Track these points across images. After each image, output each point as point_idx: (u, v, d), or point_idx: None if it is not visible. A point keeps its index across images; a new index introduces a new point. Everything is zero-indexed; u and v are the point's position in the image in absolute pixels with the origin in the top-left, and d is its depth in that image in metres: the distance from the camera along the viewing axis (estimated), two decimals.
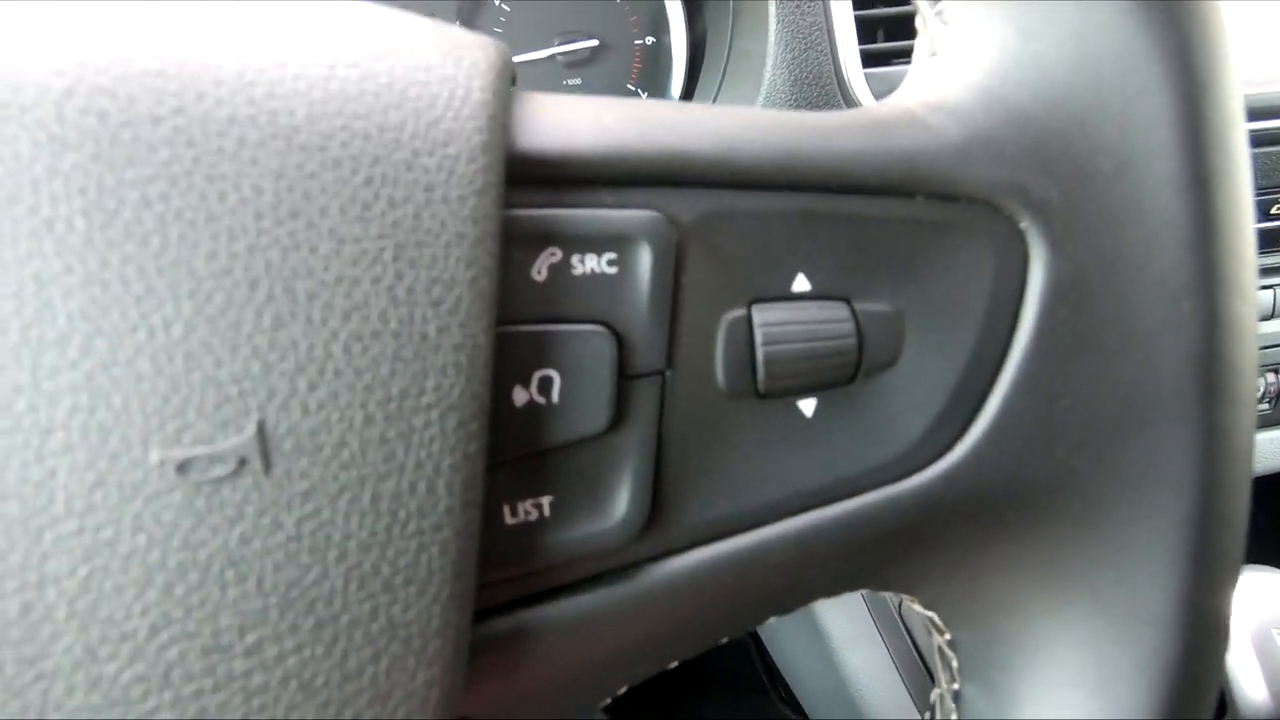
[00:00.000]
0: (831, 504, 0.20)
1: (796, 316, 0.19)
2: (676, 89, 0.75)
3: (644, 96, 0.76)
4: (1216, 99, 0.20)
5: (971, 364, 0.20)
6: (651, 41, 0.75)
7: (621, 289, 0.18)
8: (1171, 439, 0.20)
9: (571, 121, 0.18)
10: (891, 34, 0.68)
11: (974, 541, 0.22)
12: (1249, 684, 0.56)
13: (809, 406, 0.20)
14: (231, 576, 0.14)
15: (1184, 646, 0.21)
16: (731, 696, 0.97)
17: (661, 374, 0.18)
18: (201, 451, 0.14)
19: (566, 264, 0.17)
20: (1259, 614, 0.58)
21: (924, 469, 0.21)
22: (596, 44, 0.73)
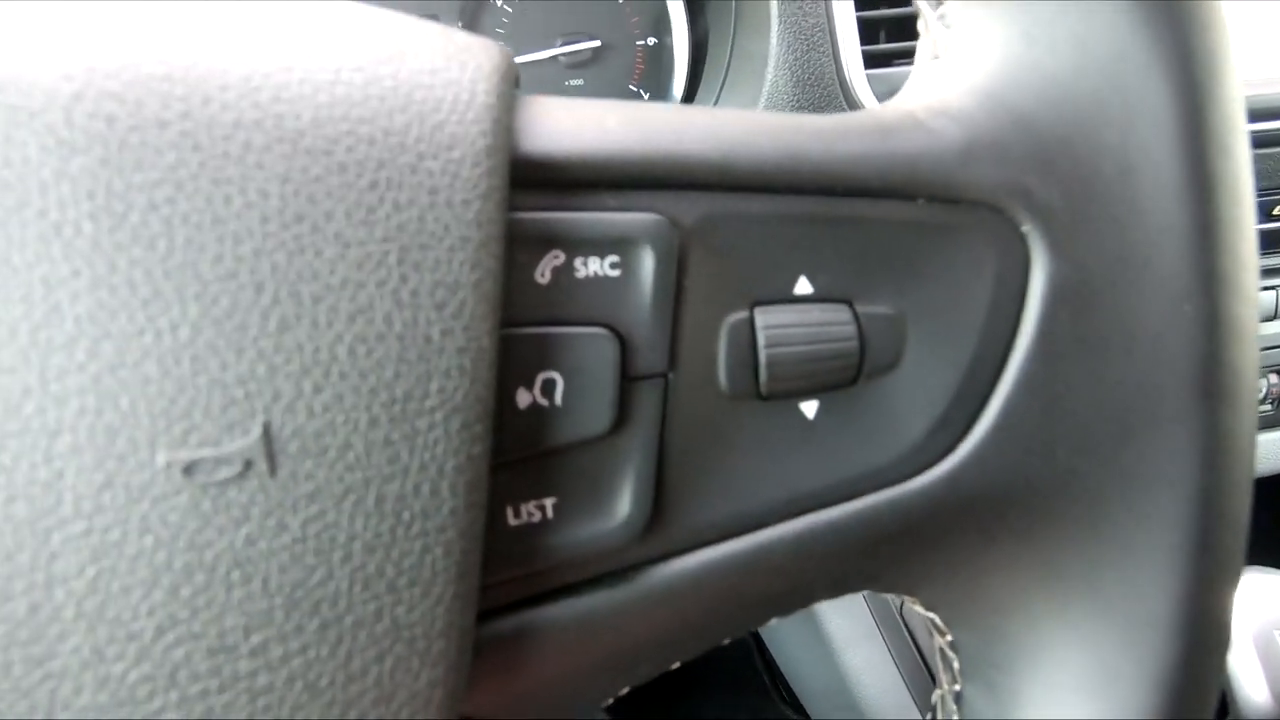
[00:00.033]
0: (833, 506, 0.20)
1: (798, 319, 0.19)
2: (678, 90, 0.75)
3: (646, 97, 0.76)
4: (1218, 102, 0.20)
5: (973, 366, 0.20)
6: (653, 42, 0.75)
7: (624, 291, 0.18)
8: (1173, 441, 0.20)
9: (574, 125, 0.18)
10: (893, 35, 0.68)
11: (975, 543, 0.22)
12: (1251, 685, 0.56)
13: (811, 409, 0.20)
14: (237, 578, 0.14)
15: (1185, 647, 0.21)
16: (732, 696, 0.97)
17: (664, 376, 0.18)
18: (207, 454, 0.14)
19: (569, 267, 0.17)
20: (1261, 615, 0.58)
21: (926, 471, 0.21)
22: (598, 45, 0.73)
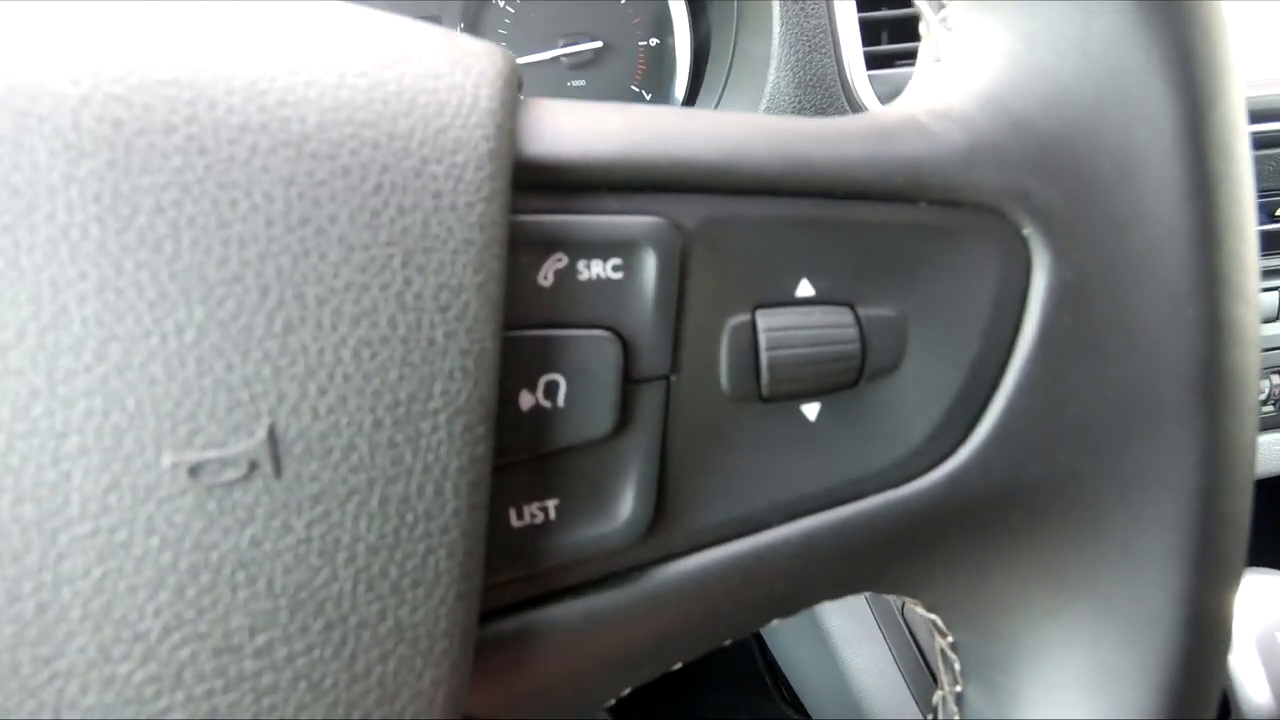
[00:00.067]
0: (835, 507, 0.20)
1: (800, 321, 0.19)
2: (680, 91, 0.75)
3: (648, 98, 0.76)
4: (1219, 104, 0.20)
5: (974, 368, 0.20)
6: (655, 43, 0.75)
7: (627, 294, 0.18)
8: (1173, 442, 0.21)
9: (577, 128, 0.18)
10: (895, 36, 0.68)
11: (976, 545, 0.22)
12: (1252, 686, 0.56)
13: (812, 411, 0.20)
14: (242, 578, 0.14)
15: (1186, 648, 0.21)
16: (734, 696, 0.97)
17: (666, 378, 0.19)
18: (213, 455, 0.14)
19: (572, 269, 0.18)
20: (1262, 616, 0.58)
21: (927, 473, 0.21)
22: (600, 45, 0.73)
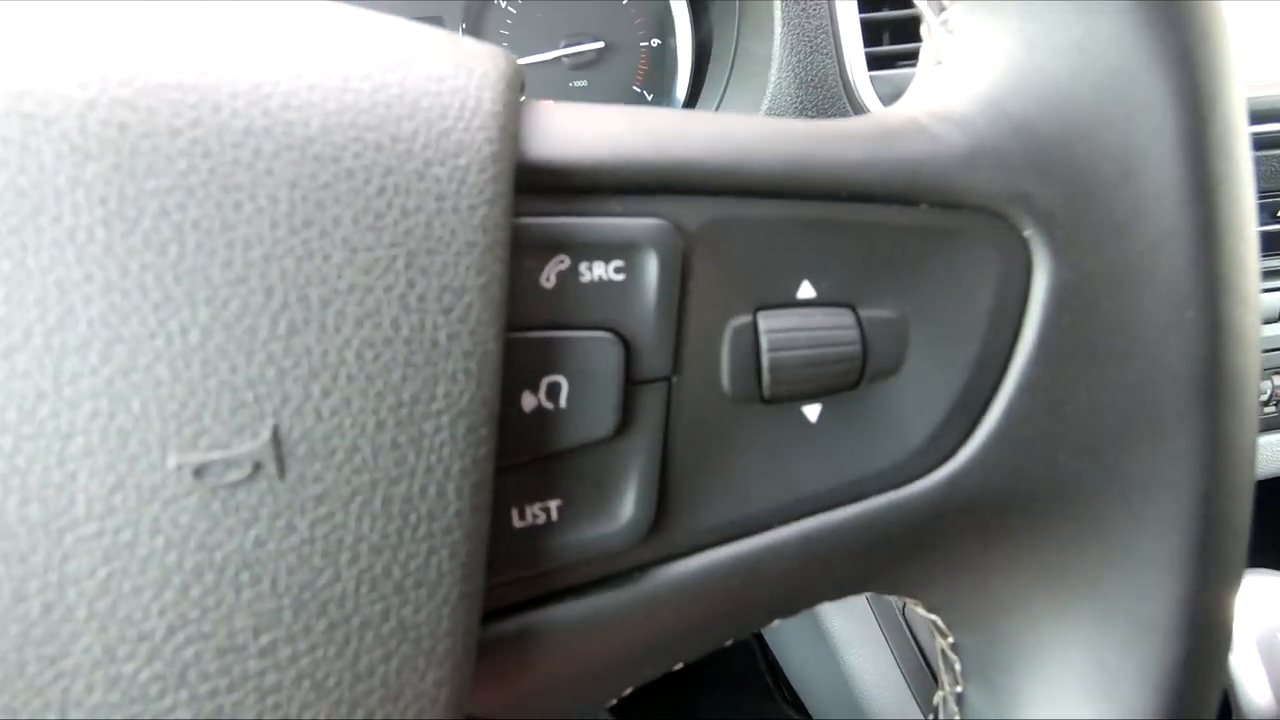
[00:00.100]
0: (836, 508, 0.20)
1: (802, 323, 0.19)
2: (682, 91, 0.75)
3: (650, 98, 0.76)
4: (1219, 107, 0.20)
5: (975, 370, 0.20)
6: (657, 43, 0.75)
7: (629, 296, 0.18)
8: (1174, 444, 0.21)
9: (579, 131, 0.18)
10: (897, 37, 0.68)
11: (977, 546, 0.22)
12: (1253, 687, 0.56)
13: (813, 412, 0.20)
14: (246, 579, 0.14)
15: (1186, 649, 0.21)
16: (735, 696, 0.97)
17: (668, 380, 0.19)
18: (218, 456, 0.14)
19: (575, 271, 0.18)
20: (1263, 617, 0.58)
21: (928, 474, 0.21)
22: (602, 46, 0.73)
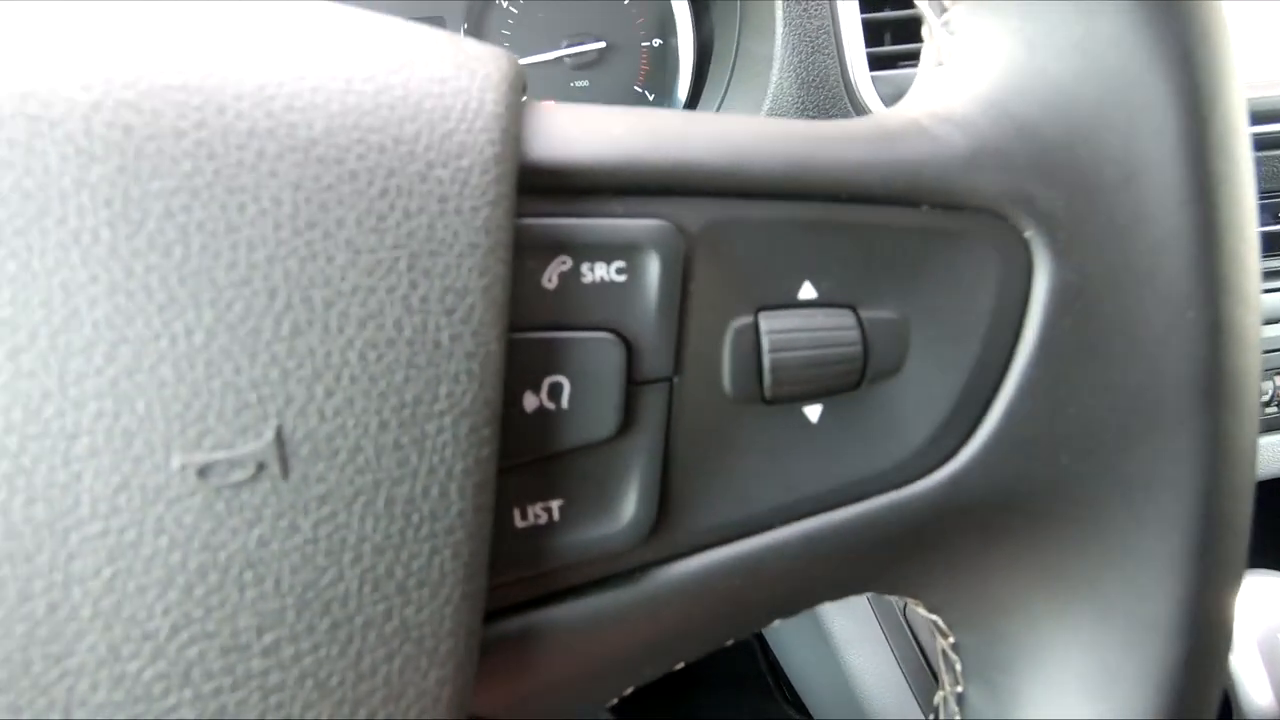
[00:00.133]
0: (837, 509, 0.20)
1: (803, 324, 0.19)
2: (683, 91, 0.75)
3: (651, 99, 0.76)
4: (1220, 108, 0.20)
5: (976, 371, 0.20)
6: (659, 43, 0.75)
7: (630, 297, 0.18)
8: (1175, 445, 0.21)
9: (581, 132, 0.18)
10: (898, 37, 0.68)
11: (978, 546, 0.22)
12: (1254, 687, 0.56)
13: (814, 413, 0.20)
14: (250, 578, 0.14)
15: (1187, 650, 0.21)
16: (736, 696, 0.97)
17: (669, 380, 0.19)
18: (221, 456, 0.14)
19: (576, 272, 0.18)
20: (1264, 618, 0.58)
21: (929, 474, 0.21)
22: (604, 46, 0.73)
